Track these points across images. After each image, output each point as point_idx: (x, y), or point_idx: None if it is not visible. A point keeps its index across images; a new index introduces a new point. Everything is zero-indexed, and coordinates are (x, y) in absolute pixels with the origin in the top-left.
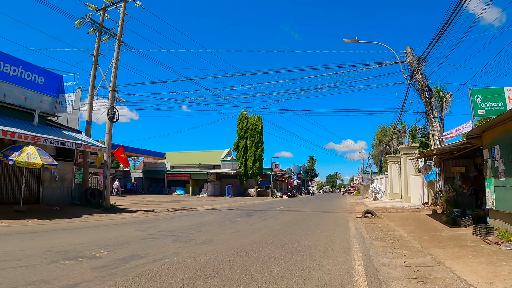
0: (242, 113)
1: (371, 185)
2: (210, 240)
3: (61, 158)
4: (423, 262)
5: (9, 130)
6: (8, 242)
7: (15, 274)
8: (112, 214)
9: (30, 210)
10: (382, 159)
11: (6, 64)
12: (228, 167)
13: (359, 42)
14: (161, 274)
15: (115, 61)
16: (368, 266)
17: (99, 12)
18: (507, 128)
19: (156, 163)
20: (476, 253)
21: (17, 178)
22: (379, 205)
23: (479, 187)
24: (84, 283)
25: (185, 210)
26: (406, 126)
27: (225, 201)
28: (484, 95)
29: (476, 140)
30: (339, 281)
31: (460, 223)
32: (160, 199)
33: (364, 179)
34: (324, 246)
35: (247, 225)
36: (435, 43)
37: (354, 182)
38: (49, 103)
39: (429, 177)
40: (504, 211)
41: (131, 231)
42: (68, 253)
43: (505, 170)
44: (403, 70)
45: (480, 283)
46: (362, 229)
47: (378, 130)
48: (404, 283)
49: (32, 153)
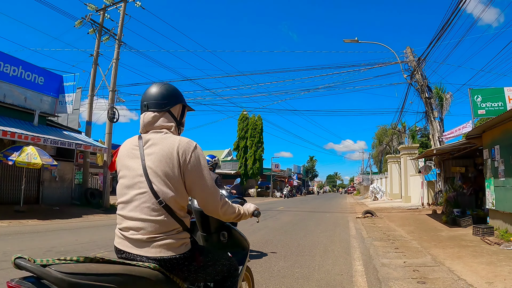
0: (243, 113)
1: (371, 185)
2: None
3: (61, 158)
4: (423, 262)
5: (9, 130)
6: (8, 242)
7: (15, 274)
8: (112, 214)
9: (30, 210)
10: (382, 159)
11: (6, 64)
12: (228, 167)
13: (359, 42)
14: None
15: (115, 61)
16: (368, 266)
17: (99, 12)
18: (507, 128)
19: None
20: (476, 253)
21: (17, 178)
22: (379, 205)
23: (479, 187)
24: None
25: None
26: (406, 126)
27: None
28: (484, 95)
29: (476, 140)
30: (339, 281)
31: (460, 223)
32: None
33: (364, 179)
34: (324, 246)
35: (246, 225)
36: (435, 43)
37: (354, 182)
38: (49, 103)
39: (429, 177)
40: (504, 211)
41: None
42: (68, 253)
43: (505, 170)
44: (403, 70)
45: (480, 283)
46: (362, 229)
47: (378, 130)
48: (404, 283)
49: (32, 153)
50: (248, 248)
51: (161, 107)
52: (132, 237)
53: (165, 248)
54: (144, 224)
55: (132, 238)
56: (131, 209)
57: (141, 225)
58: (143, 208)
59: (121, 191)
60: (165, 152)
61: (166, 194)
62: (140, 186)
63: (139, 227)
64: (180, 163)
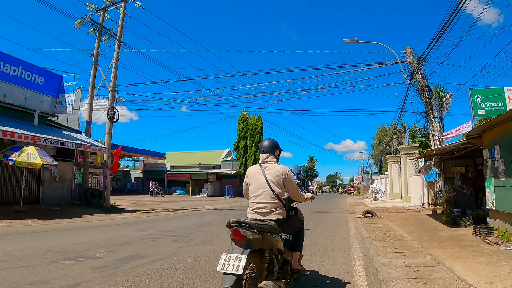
0: (243, 113)
1: (371, 185)
2: (210, 240)
3: (61, 158)
4: (423, 262)
5: (9, 130)
6: (8, 242)
7: (15, 274)
8: (112, 214)
9: (30, 210)
10: (382, 159)
11: (6, 64)
12: (228, 167)
13: (359, 42)
14: (161, 274)
15: (115, 61)
16: (368, 266)
17: (99, 12)
18: (507, 128)
19: (156, 163)
20: (476, 253)
21: (17, 178)
22: (379, 205)
23: (479, 187)
24: (84, 283)
25: (185, 210)
26: (406, 126)
27: (225, 201)
28: (484, 95)
29: (476, 140)
30: (339, 281)
31: (460, 223)
32: (160, 199)
33: (364, 179)
34: (324, 246)
35: None
36: (435, 43)
37: (354, 182)
38: (49, 103)
39: (429, 177)
40: (504, 211)
41: (131, 231)
42: (68, 253)
43: (505, 170)
44: (403, 70)
45: (480, 283)
46: (362, 229)
47: (378, 130)
48: (404, 283)
49: (32, 153)
50: (303, 220)
51: (270, 151)
52: (261, 211)
53: (277, 215)
54: (267, 205)
55: (261, 212)
56: (260, 198)
57: (265, 205)
58: (266, 197)
59: (253, 191)
60: (276, 172)
61: (277, 190)
62: (265, 188)
63: (265, 206)
64: (283, 178)
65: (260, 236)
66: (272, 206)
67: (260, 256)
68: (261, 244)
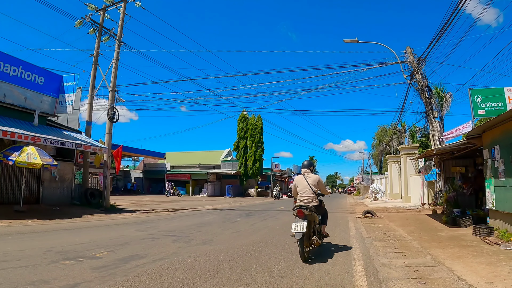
0: (242, 113)
1: (371, 185)
2: (210, 240)
3: (61, 158)
4: (423, 262)
5: (9, 130)
6: (8, 242)
7: (15, 274)
8: (112, 214)
9: (30, 210)
10: (382, 159)
11: (6, 64)
12: (228, 167)
13: (359, 42)
14: (161, 274)
15: (115, 61)
16: (368, 266)
17: (99, 12)
18: (507, 128)
19: (156, 163)
20: (476, 253)
21: (17, 178)
22: (379, 205)
23: (479, 187)
24: (84, 283)
25: (185, 210)
26: (406, 126)
27: (225, 201)
28: (484, 95)
29: (476, 140)
30: (339, 281)
31: (460, 223)
32: (160, 199)
33: (364, 179)
34: (324, 246)
35: (247, 225)
36: (435, 43)
37: (354, 182)
38: (49, 103)
39: (429, 177)
40: (504, 211)
41: (131, 231)
42: (68, 253)
43: (505, 170)
44: (403, 70)
45: (480, 283)
46: (362, 229)
47: (378, 130)
48: (404, 283)
49: (32, 153)
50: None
51: (308, 167)
52: (306, 202)
53: (314, 203)
54: (309, 197)
55: (306, 202)
56: (305, 194)
57: (308, 198)
58: (308, 193)
59: (301, 190)
60: (313, 178)
61: (314, 189)
62: (307, 187)
63: (308, 199)
64: (317, 182)
65: (310, 213)
66: (312, 198)
67: (309, 225)
68: (310, 218)
